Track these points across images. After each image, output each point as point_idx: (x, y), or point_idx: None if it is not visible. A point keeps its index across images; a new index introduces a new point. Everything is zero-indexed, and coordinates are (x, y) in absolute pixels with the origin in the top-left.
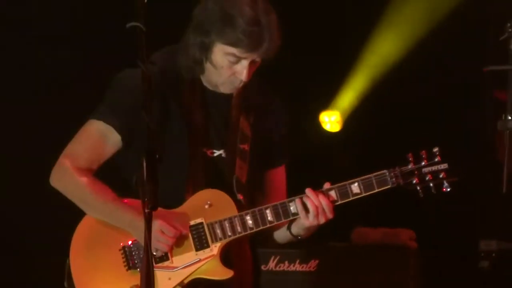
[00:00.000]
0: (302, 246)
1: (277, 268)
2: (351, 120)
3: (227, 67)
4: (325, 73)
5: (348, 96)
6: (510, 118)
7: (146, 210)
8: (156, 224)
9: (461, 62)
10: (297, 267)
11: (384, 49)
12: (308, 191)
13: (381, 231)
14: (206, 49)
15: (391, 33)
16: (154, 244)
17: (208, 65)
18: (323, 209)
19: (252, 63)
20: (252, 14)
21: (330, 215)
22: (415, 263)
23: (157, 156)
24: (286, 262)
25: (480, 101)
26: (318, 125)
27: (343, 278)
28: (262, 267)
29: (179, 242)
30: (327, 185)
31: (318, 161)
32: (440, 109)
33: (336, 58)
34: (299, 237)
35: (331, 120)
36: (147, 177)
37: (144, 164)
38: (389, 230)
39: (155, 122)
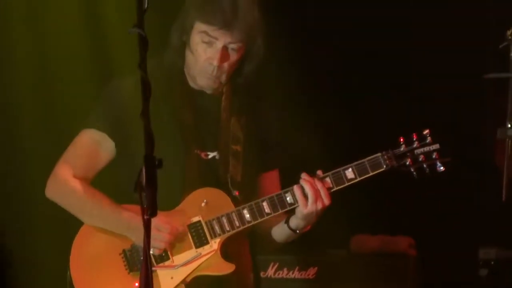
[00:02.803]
0: (301, 253)
1: (276, 275)
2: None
3: (202, 50)
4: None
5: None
6: (510, 126)
7: (146, 216)
8: (152, 224)
9: (461, 68)
10: (296, 274)
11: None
12: (304, 175)
13: (380, 238)
14: (186, 32)
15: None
16: (152, 242)
17: (188, 53)
18: (320, 194)
19: (226, 50)
20: None
21: (327, 201)
22: (414, 271)
23: (157, 162)
24: (285, 269)
25: (480, 109)
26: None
27: (342, 286)
28: (261, 274)
29: (178, 241)
30: (320, 173)
31: (317, 165)
32: (440, 116)
33: (339, 61)
34: (298, 231)
35: None
36: (146, 183)
37: (144, 170)
38: (388, 237)
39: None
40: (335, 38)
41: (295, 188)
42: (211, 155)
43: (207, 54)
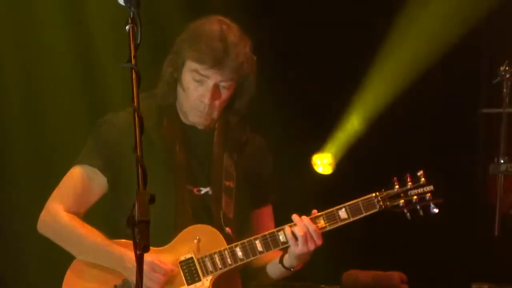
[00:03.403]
0: None
1: None
2: (343, 163)
3: (193, 88)
4: (318, 115)
5: (341, 139)
6: (502, 161)
7: (138, 252)
8: (147, 262)
9: (454, 104)
10: None
11: (377, 91)
12: (294, 217)
13: (372, 273)
14: (177, 70)
15: (384, 75)
16: (146, 282)
17: (179, 90)
18: (311, 235)
19: (217, 88)
20: (219, 32)
21: (318, 242)
22: None
23: (150, 197)
24: None
25: (472, 144)
26: (310, 167)
27: None
28: None
29: (170, 278)
30: (314, 212)
31: (311, 204)
32: (433, 151)
33: (329, 100)
34: (292, 269)
35: (323, 163)
36: (139, 218)
37: (136, 205)
38: (381, 273)
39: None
40: (330, 74)
41: (286, 229)
42: (203, 190)
43: (198, 92)
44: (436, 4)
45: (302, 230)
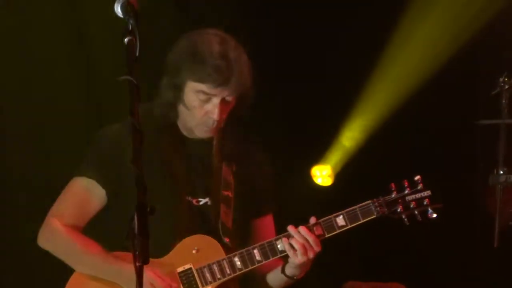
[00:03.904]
0: None
1: None
2: (343, 174)
3: (199, 107)
4: (317, 126)
5: (340, 150)
6: (501, 172)
7: (138, 264)
8: (146, 277)
9: (453, 115)
10: None
11: (376, 102)
12: (290, 229)
13: (371, 285)
14: (178, 90)
15: (383, 86)
16: None
17: (181, 108)
18: (310, 245)
19: (223, 102)
20: (220, 49)
21: (317, 249)
22: None
23: (149, 209)
24: None
25: (471, 155)
26: (309, 179)
27: None
28: None
29: None
30: (313, 220)
31: (310, 216)
32: (433, 162)
33: (329, 111)
34: (295, 277)
35: (322, 174)
36: (138, 231)
37: (136, 218)
38: (380, 284)
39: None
40: (330, 86)
41: (284, 240)
42: (202, 201)
43: (205, 109)
44: (434, 16)
45: (299, 242)
